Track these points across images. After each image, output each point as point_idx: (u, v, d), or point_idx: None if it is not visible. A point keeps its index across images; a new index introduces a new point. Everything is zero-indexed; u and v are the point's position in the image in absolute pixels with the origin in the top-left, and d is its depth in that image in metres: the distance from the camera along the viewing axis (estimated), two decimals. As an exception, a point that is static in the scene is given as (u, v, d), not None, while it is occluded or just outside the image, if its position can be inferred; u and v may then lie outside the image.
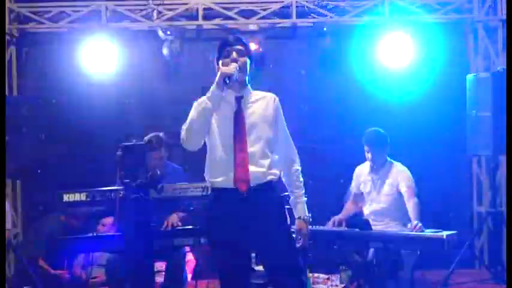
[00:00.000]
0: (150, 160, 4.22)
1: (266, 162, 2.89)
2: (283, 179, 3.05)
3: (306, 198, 3.06)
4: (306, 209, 3.04)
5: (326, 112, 5.90)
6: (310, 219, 3.04)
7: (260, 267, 4.10)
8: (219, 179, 2.87)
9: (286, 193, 3.10)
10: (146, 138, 4.54)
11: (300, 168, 3.08)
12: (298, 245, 2.98)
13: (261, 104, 2.98)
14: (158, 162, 4.31)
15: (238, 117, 2.91)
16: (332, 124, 5.90)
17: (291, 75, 5.89)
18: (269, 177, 2.89)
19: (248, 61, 2.98)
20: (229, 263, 2.86)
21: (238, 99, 2.96)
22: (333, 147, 5.89)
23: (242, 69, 2.93)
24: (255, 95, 3.02)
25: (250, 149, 2.86)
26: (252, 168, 2.84)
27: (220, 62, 3.00)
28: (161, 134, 4.55)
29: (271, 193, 2.91)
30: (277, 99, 3.02)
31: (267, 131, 2.92)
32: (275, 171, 2.93)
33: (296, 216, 3.03)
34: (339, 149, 5.84)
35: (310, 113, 5.88)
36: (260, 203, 2.84)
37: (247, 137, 2.87)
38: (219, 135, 2.91)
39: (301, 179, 3.08)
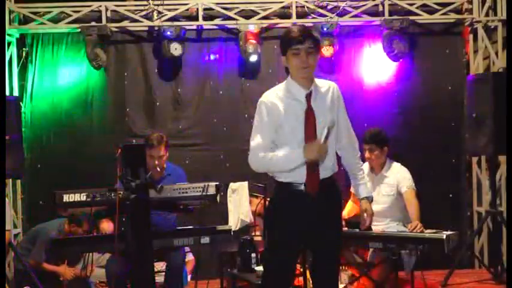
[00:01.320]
0: (149, 158, 4.24)
1: (333, 157, 3.00)
2: (344, 164, 3.16)
3: (366, 180, 3.23)
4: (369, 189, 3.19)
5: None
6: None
7: (260, 268, 4.11)
8: (289, 178, 2.95)
9: None
10: (146, 136, 4.55)
11: (359, 153, 3.19)
12: (365, 225, 3.15)
13: (327, 96, 2.99)
14: (158, 160, 4.30)
15: (309, 116, 2.91)
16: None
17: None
18: (334, 171, 3.01)
19: (317, 57, 2.96)
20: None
21: (308, 97, 2.93)
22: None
23: (312, 69, 2.93)
24: (320, 85, 3.00)
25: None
26: (321, 167, 2.92)
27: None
28: (162, 134, 4.56)
29: (335, 187, 3.04)
30: (337, 87, 3.05)
31: (334, 122, 2.95)
32: (336, 164, 3.04)
33: (360, 197, 3.16)
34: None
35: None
36: (327, 198, 2.97)
37: (318, 134, 2.89)
38: (290, 134, 2.91)
39: (361, 162, 3.21)
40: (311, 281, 3.17)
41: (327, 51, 5.65)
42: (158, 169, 4.27)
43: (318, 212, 2.94)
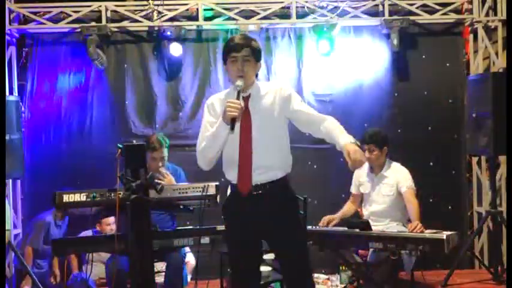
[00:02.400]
0: (152, 160, 4.25)
1: (273, 160, 2.96)
2: (324, 134, 3.00)
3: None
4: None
5: (325, 112, 5.88)
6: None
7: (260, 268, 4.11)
8: (230, 177, 3.01)
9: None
10: (146, 138, 4.55)
11: (327, 117, 3.05)
12: (356, 162, 2.82)
13: (266, 97, 3.00)
14: (159, 162, 4.32)
15: (245, 115, 2.93)
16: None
17: (290, 76, 5.88)
18: (277, 176, 2.97)
19: (256, 65, 3.00)
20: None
21: (246, 99, 2.98)
22: (331, 147, 5.88)
23: (247, 77, 2.95)
24: (263, 89, 3.03)
25: (260, 147, 2.92)
26: (262, 167, 2.92)
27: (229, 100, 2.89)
28: (161, 135, 4.56)
29: (283, 189, 3.00)
30: (284, 87, 3.04)
31: (277, 127, 2.98)
32: (284, 167, 3.01)
33: (343, 143, 2.88)
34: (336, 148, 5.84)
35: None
36: (270, 200, 2.95)
37: (253, 136, 2.92)
38: (229, 138, 2.94)
39: (330, 120, 3.03)
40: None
41: (326, 51, 5.67)
42: (159, 169, 4.28)
43: (260, 213, 2.93)
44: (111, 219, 5.05)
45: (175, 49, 5.61)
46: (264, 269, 4.07)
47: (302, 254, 3.00)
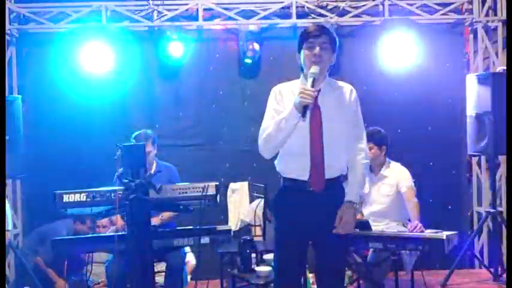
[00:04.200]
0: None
1: (340, 157, 2.95)
2: (348, 164, 3.02)
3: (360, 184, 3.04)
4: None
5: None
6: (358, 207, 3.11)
7: (260, 268, 4.11)
8: (293, 174, 2.93)
9: None
10: (133, 135, 4.55)
11: (364, 156, 3.01)
12: (337, 231, 2.93)
13: (339, 95, 2.99)
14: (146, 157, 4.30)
15: (314, 112, 2.87)
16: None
17: (290, 76, 5.88)
18: (342, 173, 2.97)
19: (332, 56, 2.95)
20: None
21: (317, 94, 2.89)
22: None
23: (323, 64, 2.90)
24: (334, 85, 3.01)
25: (327, 145, 2.88)
26: (327, 165, 2.88)
27: (302, 80, 2.92)
28: (149, 131, 4.55)
29: (341, 189, 2.98)
30: (354, 91, 3.05)
31: (344, 125, 2.93)
32: (343, 167, 2.99)
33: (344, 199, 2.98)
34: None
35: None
36: (331, 199, 2.92)
37: (323, 132, 2.88)
38: (296, 130, 2.87)
39: (363, 164, 3.01)
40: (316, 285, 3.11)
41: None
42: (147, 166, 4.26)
43: (321, 212, 2.90)
44: (106, 220, 5.04)
45: (175, 49, 5.61)
46: (263, 269, 4.07)
47: (343, 262, 3.08)
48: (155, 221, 4.22)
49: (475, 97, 5.24)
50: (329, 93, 2.97)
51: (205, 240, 3.81)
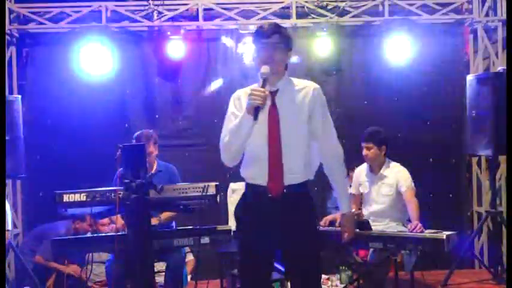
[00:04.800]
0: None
1: (300, 160, 2.82)
2: (326, 172, 2.97)
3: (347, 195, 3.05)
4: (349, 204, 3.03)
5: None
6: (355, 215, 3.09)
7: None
8: (254, 179, 2.84)
9: None
10: (135, 134, 4.56)
11: (342, 165, 2.96)
12: (344, 240, 3.03)
13: (298, 95, 2.85)
14: (147, 157, 4.30)
15: (271, 113, 2.79)
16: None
17: (290, 76, 5.88)
18: (305, 179, 2.85)
19: (285, 54, 2.85)
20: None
21: (273, 94, 2.82)
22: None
23: (275, 69, 2.79)
24: (294, 84, 2.88)
25: (286, 146, 2.77)
26: (287, 169, 2.77)
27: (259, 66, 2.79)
28: (151, 131, 4.56)
29: (305, 196, 2.87)
30: (317, 89, 2.89)
31: (303, 125, 2.82)
32: (307, 172, 2.87)
33: (340, 211, 3.05)
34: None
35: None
36: (293, 206, 2.80)
37: (282, 134, 2.77)
38: (254, 133, 2.77)
39: (343, 174, 3.00)
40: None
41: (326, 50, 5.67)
42: (147, 166, 4.27)
43: (283, 220, 2.78)
44: (106, 219, 5.04)
45: (175, 49, 5.61)
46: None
47: (316, 269, 2.88)
48: (153, 221, 4.21)
49: (475, 97, 5.24)
50: (288, 93, 2.85)
51: (205, 240, 3.82)
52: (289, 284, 4.26)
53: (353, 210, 4.70)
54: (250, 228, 2.84)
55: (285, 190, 2.78)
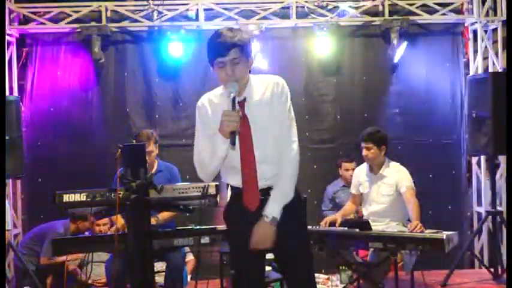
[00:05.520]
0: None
1: (277, 166, 2.67)
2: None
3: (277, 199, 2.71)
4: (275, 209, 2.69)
5: (325, 112, 5.90)
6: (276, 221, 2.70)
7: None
8: (231, 181, 2.76)
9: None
10: (135, 134, 4.56)
11: (290, 167, 2.69)
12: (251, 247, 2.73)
13: (262, 96, 2.67)
14: (147, 157, 4.31)
15: (243, 125, 2.61)
16: (331, 124, 5.90)
17: (290, 76, 5.88)
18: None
19: (247, 64, 2.67)
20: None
21: (242, 105, 2.65)
22: (331, 147, 5.90)
23: (240, 80, 2.63)
24: (258, 87, 2.68)
25: (260, 155, 2.64)
26: (261, 177, 2.65)
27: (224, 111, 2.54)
28: (152, 131, 4.56)
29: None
30: (280, 83, 2.69)
31: (278, 128, 2.66)
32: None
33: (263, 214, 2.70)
34: (336, 148, 5.87)
35: (310, 113, 5.87)
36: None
37: (254, 142, 2.63)
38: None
39: (286, 177, 2.70)
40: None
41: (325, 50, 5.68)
42: (147, 166, 4.28)
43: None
44: (106, 219, 5.04)
45: (175, 49, 5.62)
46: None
47: (308, 266, 2.79)
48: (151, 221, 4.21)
49: (475, 97, 5.24)
50: (254, 96, 2.68)
51: (205, 240, 3.82)
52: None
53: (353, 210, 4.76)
54: (238, 229, 2.76)
55: (261, 198, 2.66)
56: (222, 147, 2.58)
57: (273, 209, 2.64)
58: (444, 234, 3.82)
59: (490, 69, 5.77)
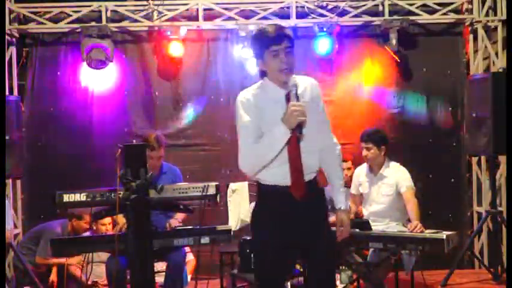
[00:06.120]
0: (148, 159, 4.24)
1: (315, 159, 2.83)
2: (323, 167, 2.93)
3: (344, 190, 3.04)
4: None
5: (326, 112, 5.89)
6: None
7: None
8: (275, 179, 2.78)
9: None
10: (145, 137, 4.56)
11: (341, 159, 2.99)
12: (340, 237, 2.96)
13: (305, 93, 2.79)
14: (156, 162, 4.32)
15: None
16: (331, 124, 5.90)
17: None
18: (316, 174, 2.84)
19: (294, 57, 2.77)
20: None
21: (287, 97, 2.72)
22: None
23: (292, 67, 2.75)
24: (299, 83, 2.79)
25: (304, 147, 2.74)
26: (306, 168, 2.75)
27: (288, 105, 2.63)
28: (160, 134, 4.56)
29: (321, 190, 2.88)
30: (316, 84, 2.88)
31: (315, 119, 2.78)
32: (318, 167, 2.88)
33: (337, 207, 2.97)
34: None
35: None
36: (313, 202, 2.82)
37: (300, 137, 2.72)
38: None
39: (341, 169, 3.01)
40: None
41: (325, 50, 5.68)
42: (155, 169, 4.29)
43: (306, 217, 2.77)
44: (107, 219, 5.04)
45: (175, 49, 5.61)
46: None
47: (333, 265, 2.94)
48: (174, 223, 4.21)
49: (475, 97, 5.24)
50: (299, 94, 2.75)
51: (205, 240, 3.82)
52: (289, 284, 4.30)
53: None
54: (272, 230, 2.78)
55: (306, 190, 2.76)
56: (284, 139, 2.64)
57: (343, 200, 2.95)
58: (444, 234, 3.82)
59: (490, 69, 5.77)
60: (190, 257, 5.16)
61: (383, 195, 4.50)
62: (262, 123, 2.73)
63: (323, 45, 5.68)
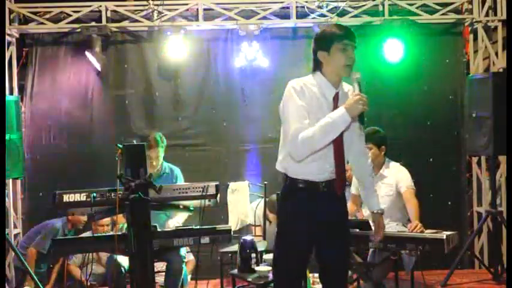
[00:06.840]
0: (147, 159, 4.25)
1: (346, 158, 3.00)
2: (356, 173, 3.20)
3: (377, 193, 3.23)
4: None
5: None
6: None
7: (260, 268, 4.11)
8: (313, 174, 2.88)
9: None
10: (145, 137, 4.57)
11: (372, 165, 3.20)
12: (377, 239, 3.26)
13: (347, 98, 2.91)
14: (155, 161, 4.33)
15: None
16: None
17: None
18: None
19: None
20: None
21: (336, 98, 2.89)
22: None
23: (352, 67, 2.91)
24: (343, 87, 2.98)
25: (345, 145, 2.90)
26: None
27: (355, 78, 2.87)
28: (159, 133, 4.56)
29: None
30: (351, 90, 2.98)
31: (353, 127, 2.94)
32: None
33: (371, 210, 3.20)
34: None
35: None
36: (342, 200, 3.00)
37: (343, 136, 2.87)
38: None
39: (373, 174, 3.22)
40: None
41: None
42: (155, 169, 4.29)
43: (331, 212, 2.91)
44: (106, 220, 5.04)
45: (175, 49, 5.61)
46: (263, 268, 4.07)
47: (346, 262, 3.11)
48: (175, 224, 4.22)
49: (475, 97, 5.24)
50: (342, 95, 2.95)
51: (205, 240, 3.81)
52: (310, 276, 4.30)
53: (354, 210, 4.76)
54: (301, 222, 2.87)
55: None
56: (343, 126, 2.75)
57: (377, 202, 3.16)
58: (444, 234, 3.82)
59: (490, 69, 5.77)
60: (190, 257, 5.16)
61: (383, 195, 4.48)
62: (308, 114, 2.81)
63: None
